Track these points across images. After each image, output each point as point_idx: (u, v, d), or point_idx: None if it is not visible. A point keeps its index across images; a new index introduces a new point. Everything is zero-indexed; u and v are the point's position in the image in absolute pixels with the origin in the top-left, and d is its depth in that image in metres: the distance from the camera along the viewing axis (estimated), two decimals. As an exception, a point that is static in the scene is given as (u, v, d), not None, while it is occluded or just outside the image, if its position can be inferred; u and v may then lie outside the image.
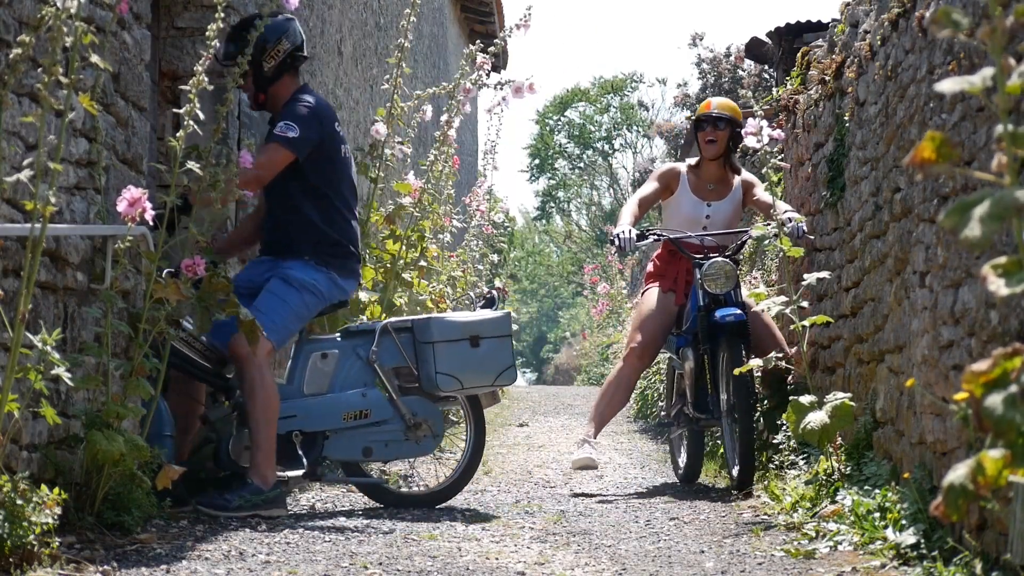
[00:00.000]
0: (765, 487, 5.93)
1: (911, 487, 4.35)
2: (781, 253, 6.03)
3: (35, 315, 4.11)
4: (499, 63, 16.24)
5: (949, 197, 4.19)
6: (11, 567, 3.55)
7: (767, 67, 20.81)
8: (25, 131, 4.03)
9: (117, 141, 4.87)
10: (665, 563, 4.39)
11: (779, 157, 7.86)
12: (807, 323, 5.85)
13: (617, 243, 6.54)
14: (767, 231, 6.10)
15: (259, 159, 5.35)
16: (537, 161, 44.24)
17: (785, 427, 6.34)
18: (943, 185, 4.25)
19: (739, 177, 6.93)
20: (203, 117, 4.98)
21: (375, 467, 6.22)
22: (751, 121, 6.21)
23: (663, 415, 7.36)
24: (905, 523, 4.25)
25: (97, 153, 4.62)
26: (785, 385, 6.68)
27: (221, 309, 5.10)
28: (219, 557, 4.27)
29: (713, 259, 6.49)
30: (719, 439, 7.63)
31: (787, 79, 9.10)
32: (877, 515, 4.49)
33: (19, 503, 3.59)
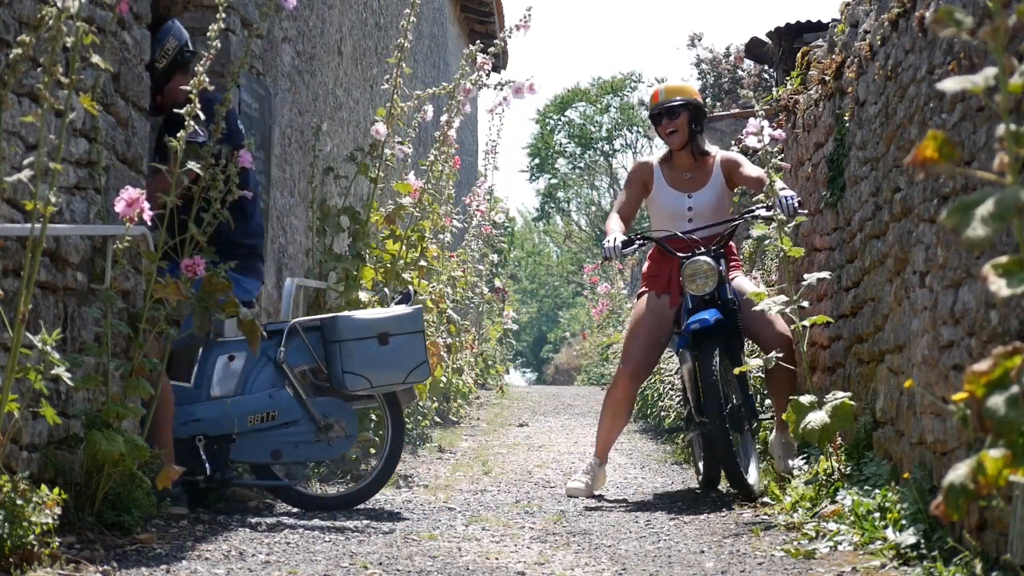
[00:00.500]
0: (765, 487, 5.93)
1: (911, 487, 4.35)
2: (781, 253, 6.02)
3: (35, 315, 4.11)
4: (499, 63, 16.24)
5: (949, 197, 4.19)
6: (11, 567, 3.55)
7: (767, 67, 20.81)
8: (25, 131, 4.02)
9: (117, 141, 4.87)
10: (665, 563, 4.39)
11: (779, 157, 7.86)
12: (807, 323, 5.85)
13: (604, 254, 6.36)
14: (767, 231, 6.10)
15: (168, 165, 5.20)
16: (537, 161, 44.24)
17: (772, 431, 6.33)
18: (943, 185, 4.25)
19: (718, 158, 6.56)
20: (203, 117, 4.98)
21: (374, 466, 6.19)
22: (752, 121, 6.20)
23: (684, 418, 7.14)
24: (905, 523, 4.24)
25: (97, 153, 4.62)
26: (792, 387, 6.26)
27: (221, 309, 5.10)
28: (219, 557, 4.27)
29: (690, 259, 6.22)
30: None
31: (787, 79, 9.10)
32: (877, 515, 4.49)
33: (19, 503, 3.59)
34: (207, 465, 5.40)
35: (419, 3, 7.67)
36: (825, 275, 5.91)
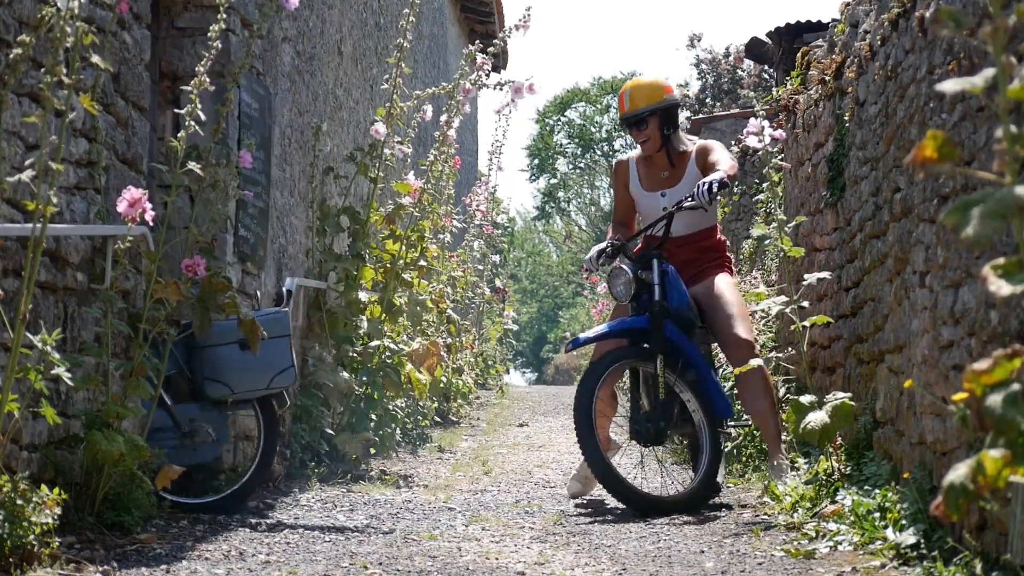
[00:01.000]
0: (765, 488, 5.93)
1: (911, 487, 4.35)
2: (781, 253, 6.02)
3: (35, 315, 4.12)
4: (499, 63, 16.25)
5: (949, 197, 4.19)
6: (11, 567, 3.55)
7: (767, 67, 20.82)
8: (25, 131, 4.03)
9: (117, 141, 4.87)
10: (665, 563, 4.39)
11: (779, 157, 7.87)
12: (807, 323, 5.85)
13: (584, 265, 6.18)
14: (767, 231, 6.10)
15: None
16: (537, 161, 44.26)
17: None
18: (943, 185, 4.25)
19: (694, 152, 6.18)
20: (203, 117, 4.98)
21: (373, 466, 6.20)
22: (752, 121, 6.19)
23: None
24: (905, 523, 4.24)
25: (97, 153, 4.62)
26: (763, 396, 5.94)
27: (221, 309, 5.10)
28: (219, 557, 4.27)
29: (612, 267, 5.99)
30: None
31: (787, 79, 9.10)
32: (877, 515, 4.49)
33: (19, 503, 3.59)
34: None
35: (419, 3, 7.67)
36: (825, 275, 5.91)
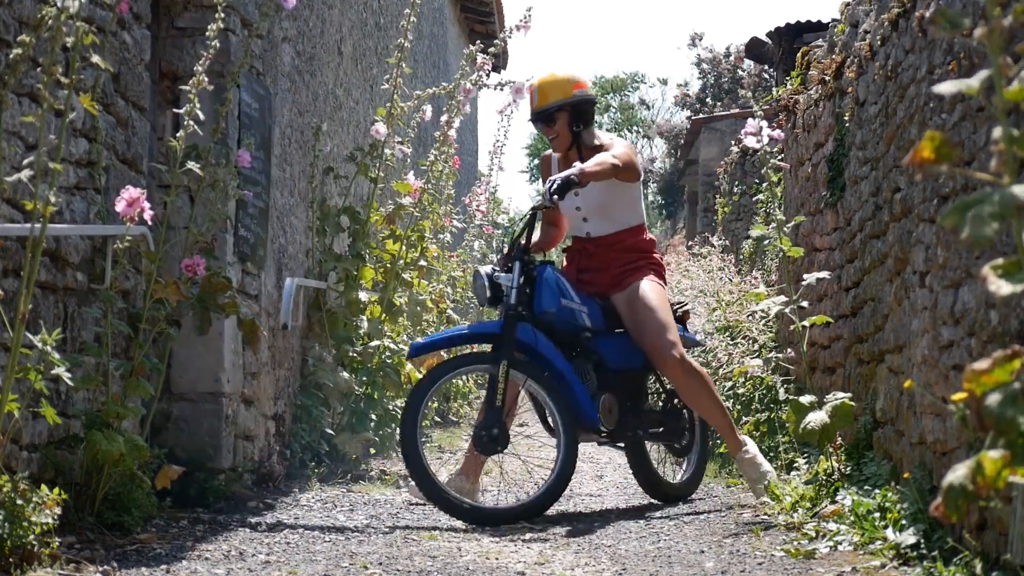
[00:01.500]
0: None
1: (911, 487, 4.35)
2: (781, 253, 6.02)
3: (35, 315, 4.12)
4: (499, 63, 16.24)
5: (949, 197, 4.19)
6: (11, 567, 3.55)
7: (767, 67, 20.82)
8: (25, 131, 4.03)
9: (117, 141, 4.87)
10: (665, 563, 4.39)
11: (779, 157, 7.87)
12: (807, 323, 5.85)
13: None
14: (767, 231, 6.09)
15: None
16: (537, 161, 44.23)
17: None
18: (943, 185, 4.25)
19: (603, 144, 5.87)
20: (203, 117, 4.98)
21: (373, 466, 6.19)
22: (750, 121, 6.18)
23: None
24: (905, 523, 4.24)
25: (97, 153, 4.62)
26: (703, 403, 5.81)
27: (221, 309, 5.10)
28: (219, 557, 4.27)
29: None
30: (719, 438, 7.63)
31: (787, 79, 9.10)
32: (877, 515, 4.49)
33: (19, 503, 3.59)
34: None
35: (419, 3, 7.67)
36: (825, 275, 5.91)
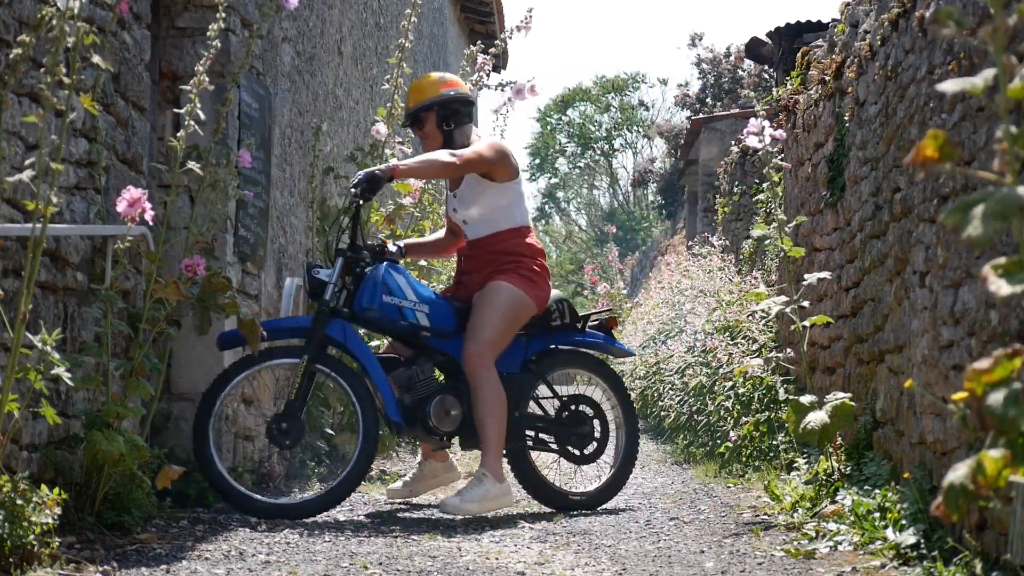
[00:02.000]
0: (765, 487, 5.93)
1: (911, 487, 4.35)
2: (781, 253, 6.02)
3: (35, 315, 4.11)
4: (499, 63, 16.24)
5: (949, 197, 4.19)
6: (11, 567, 3.55)
7: (767, 67, 20.81)
8: (25, 131, 4.03)
9: (117, 141, 4.87)
10: (665, 563, 4.39)
11: (779, 157, 7.87)
12: (807, 323, 5.85)
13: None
14: (767, 230, 6.09)
15: None
16: (538, 161, 44.26)
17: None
18: (943, 185, 4.25)
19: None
20: (203, 117, 4.98)
21: (373, 466, 6.18)
22: (752, 121, 6.18)
23: None
24: (905, 523, 4.24)
25: (97, 153, 4.62)
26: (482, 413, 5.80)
27: (221, 309, 5.10)
28: (219, 557, 4.27)
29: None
30: (719, 438, 7.63)
31: (787, 79, 9.10)
32: (877, 515, 4.49)
33: (19, 503, 3.59)
34: None
35: (419, 3, 7.67)
36: (825, 275, 5.91)
